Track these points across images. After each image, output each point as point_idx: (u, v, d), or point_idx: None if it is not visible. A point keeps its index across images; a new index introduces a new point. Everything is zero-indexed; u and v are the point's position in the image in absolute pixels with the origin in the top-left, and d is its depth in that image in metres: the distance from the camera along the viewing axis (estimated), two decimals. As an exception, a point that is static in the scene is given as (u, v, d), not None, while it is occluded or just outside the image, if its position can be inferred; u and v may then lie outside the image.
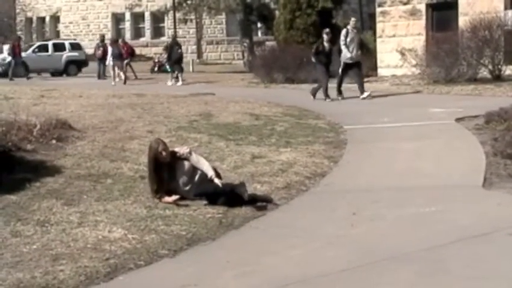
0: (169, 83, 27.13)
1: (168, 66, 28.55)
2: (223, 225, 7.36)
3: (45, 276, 5.81)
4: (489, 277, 5.57)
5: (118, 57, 29.03)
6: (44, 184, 8.70)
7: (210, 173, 8.15)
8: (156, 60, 35.00)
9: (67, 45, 39.11)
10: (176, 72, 27.51)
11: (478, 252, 6.13)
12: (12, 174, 8.88)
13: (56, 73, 36.99)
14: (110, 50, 29.91)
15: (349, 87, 19.64)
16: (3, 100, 17.09)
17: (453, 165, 9.94)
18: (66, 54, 38.34)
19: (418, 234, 6.83)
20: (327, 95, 18.89)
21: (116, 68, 28.79)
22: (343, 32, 19.30)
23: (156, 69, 34.90)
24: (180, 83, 26.96)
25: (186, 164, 8.23)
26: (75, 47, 39.22)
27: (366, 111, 16.13)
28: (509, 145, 10.08)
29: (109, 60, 29.42)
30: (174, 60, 27.78)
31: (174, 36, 30.96)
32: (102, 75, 31.47)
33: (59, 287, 5.66)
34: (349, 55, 18.98)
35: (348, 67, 19.16)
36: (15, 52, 32.25)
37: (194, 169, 8.21)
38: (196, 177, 8.16)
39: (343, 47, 19.01)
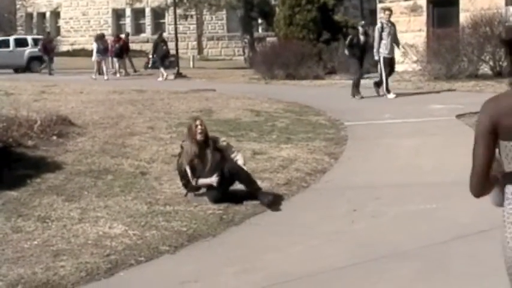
0: (160, 79, 27.54)
1: (154, 62, 29.18)
2: (223, 222, 7.36)
3: (46, 272, 5.82)
4: (488, 274, 5.57)
5: (103, 52, 29.58)
6: (44, 180, 8.71)
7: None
8: (150, 57, 34.86)
9: (29, 41, 37.87)
10: (162, 68, 28.31)
11: (478, 250, 6.13)
12: (13, 170, 8.89)
13: (19, 69, 35.78)
14: (94, 45, 30.34)
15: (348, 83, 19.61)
16: (4, 96, 17.12)
17: (453, 161, 9.92)
18: (29, 50, 36.90)
19: (418, 231, 6.84)
20: (356, 92, 17.98)
21: (103, 63, 29.39)
22: (378, 25, 18.21)
23: (149, 65, 34.73)
24: (161, 78, 27.36)
25: (218, 155, 8.23)
26: (38, 42, 37.08)
27: (366, 107, 16.12)
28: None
29: (94, 56, 29.95)
30: (159, 56, 28.79)
31: (160, 34, 32.02)
32: (101, 71, 31.55)
33: (60, 282, 5.67)
34: (382, 51, 17.67)
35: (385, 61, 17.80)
36: (46, 49, 32.19)
37: (222, 161, 8.19)
38: (224, 170, 8.09)
39: (376, 42, 17.79)
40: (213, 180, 7.93)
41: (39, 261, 6.07)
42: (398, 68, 24.43)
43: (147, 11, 50.73)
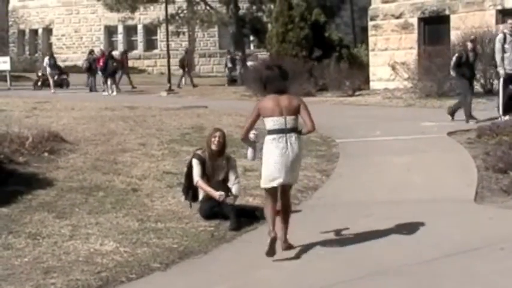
0: (105, 93, 28.81)
1: (103, 77, 30.36)
2: (215, 239, 7.36)
3: (36, 289, 5.79)
4: (480, 291, 5.58)
5: (53, 67, 31.32)
6: (35, 197, 8.69)
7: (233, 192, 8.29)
8: (40, 74, 33.59)
9: None
10: (110, 83, 29.51)
11: (470, 267, 6.13)
12: (4, 187, 8.86)
13: None
14: (46, 60, 31.72)
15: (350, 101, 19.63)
16: (-5, 112, 17.07)
17: (445, 179, 9.96)
18: None
19: (409, 248, 6.84)
20: (470, 116, 15.45)
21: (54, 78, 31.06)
22: (499, 37, 15.69)
23: (39, 84, 33.23)
24: (114, 93, 28.86)
25: (223, 172, 8.34)
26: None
27: (357, 124, 16.15)
28: (501, 159, 10.11)
29: (48, 70, 31.16)
30: (109, 72, 29.84)
31: (110, 51, 32.90)
32: (93, 87, 31.54)
33: (50, 300, 5.65)
34: (504, 66, 15.38)
35: (508, 80, 15.46)
36: (123, 64, 32.35)
37: (224, 181, 8.30)
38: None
39: (498, 56, 15.42)
40: (221, 195, 7.98)
41: (30, 278, 6.04)
42: (389, 85, 24.56)
43: (139, 27, 50.72)
